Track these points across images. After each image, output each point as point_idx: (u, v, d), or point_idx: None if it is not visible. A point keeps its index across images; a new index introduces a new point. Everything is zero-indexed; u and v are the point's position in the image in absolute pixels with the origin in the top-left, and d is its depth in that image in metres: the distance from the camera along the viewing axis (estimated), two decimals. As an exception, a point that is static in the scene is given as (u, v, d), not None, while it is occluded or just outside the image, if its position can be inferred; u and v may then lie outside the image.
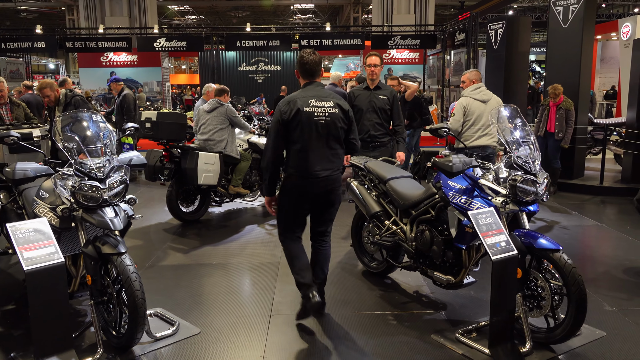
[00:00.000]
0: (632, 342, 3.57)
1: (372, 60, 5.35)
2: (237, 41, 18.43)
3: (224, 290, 4.48)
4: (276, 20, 33.03)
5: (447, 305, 4.15)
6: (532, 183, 3.45)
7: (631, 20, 14.67)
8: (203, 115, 6.63)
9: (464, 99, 5.62)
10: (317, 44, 17.87)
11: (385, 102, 5.37)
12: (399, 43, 18.23)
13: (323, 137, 3.58)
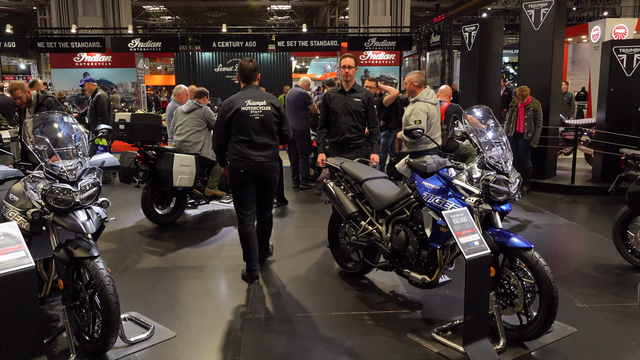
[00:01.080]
0: (602, 337, 3.66)
1: (347, 62, 5.31)
2: (213, 42, 18.32)
3: (200, 293, 4.44)
4: (253, 21, 32.92)
5: (423, 304, 4.19)
6: (505, 183, 3.50)
7: (600, 23, 15.03)
8: (180, 116, 6.57)
9: (423, 104, 5.56)
10: (293, 45, 17.88)
11: (360, 105, 5.34)
12: (375, 44, 18.35)
13: (258, 130, 4.50)
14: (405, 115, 5.81)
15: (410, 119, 5.62)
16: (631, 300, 4.23)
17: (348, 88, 5.40)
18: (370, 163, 5.06)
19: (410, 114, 5.68)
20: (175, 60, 21.82)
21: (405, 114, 5.80)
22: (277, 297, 4.37)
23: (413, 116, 5.66)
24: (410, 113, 5.68)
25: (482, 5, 22.02)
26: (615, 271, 4.94)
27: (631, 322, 3.83)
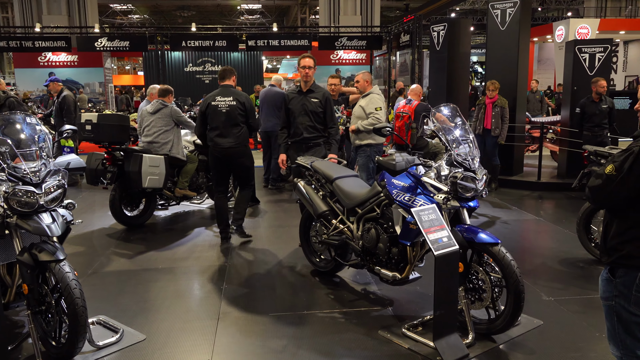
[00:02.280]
0: (567, 329, 3.75)
1: (306, 62, 5.30)
2: (183, 41, 18.08)
3: (171, 295, 4.39)
4: (223, 21, 32.62)
5: (394, 301, 4.23)
6: (472, 180, 3.56)
7: (564, 23, 15.42)
8: (147, 117, 6.46)
9: (376, 95, 6.15)
10: (264, 44, 17.79)
11: (318, 105, 5.31)
12: (345, 44, 18.41)
13: (226, 121, 5.46)
14: (361, 106, 6.06)
15: (369, 108, 6.08)
16: (594, 292, 4.35)
17: (306, 88, 5.39)
18: (343, 162, 5.09)
19: (367, 104, 6.09)
20: (144, 60, 21.49)
21: (361, 105, 6.08)
22: (249, 297, 4.36)
23: (371, 104, 6.07)
24: (367, 103, 6.09)
25: (450, 5, 22.30)
26: (580, 264, 5.07)
27: (595, 313, 3.95)
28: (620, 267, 2.33)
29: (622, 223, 2.32)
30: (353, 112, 6.30)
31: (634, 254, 2.27)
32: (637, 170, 2.17)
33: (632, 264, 2.28)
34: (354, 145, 6.33)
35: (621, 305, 2.36)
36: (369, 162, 6.22)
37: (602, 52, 8.33)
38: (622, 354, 2.43)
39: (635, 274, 2.29)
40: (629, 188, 2.21)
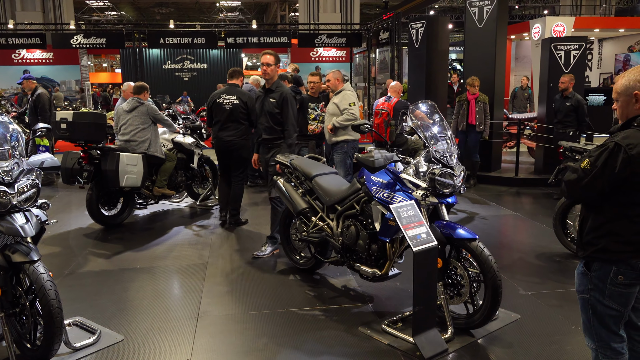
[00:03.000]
0: (544, 322, 3.81)
1: (264, 59, 5.13)
2: (161, 38, 17.85)
3: (150, 295, 4.35)
4: (202, 18, 32.33)
5: (374, 297, 4.25)
6: (450, 176, 3.59)
7: (541, 21, 15.62)
8: (123, 116, 6.36)
9: (349, 92, 6.18)
10: (243, 41, 17.66)
11: (274, 106, 5.13)
12: (325, 41, 18.37)
13: (228, 117, 5.94)
14: (335, 103, 6.08)
15: (342, 104, 6.10)
16: (571, 286, 4.42)
17: (268, 86, 5.25)
18: (322, 159, 5.08)
19: (340, 100, 6.13)
20: (121, 57, 21.21)
21: (335, 102, 6.11)
22: (229, 295, 4.33)
23: (344, 101, 6.11)
24: (341, 100, 6.13)
25: (429, 3, 22.44)
26: (556, 259, 5.15)
27: (571, 307, 4.01)
28: (595, 261, 2.38)
29: (598, 218, 2.36)
30: (327, 110, 6.31)
31: (609, 248, 2.31)
32: (612, 164, 2.20)
33: (607, 258, 2.33)
34: (330, 143, 6.32)
35: (596, 298, 2.40)
36: (346, 158, 6.23)
37: (577, 50, 8.47)
38: (597, 346, 2.48)
39: (610, 267, 2.33)
40: (604, 182, 2.24)
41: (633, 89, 2.30)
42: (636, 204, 2.25)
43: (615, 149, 2.22)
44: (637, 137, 2.22)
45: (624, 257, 2.29)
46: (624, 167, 2.19)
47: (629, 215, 2.27)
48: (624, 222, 2.28)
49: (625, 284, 2.33)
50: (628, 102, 2.32)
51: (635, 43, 18.75)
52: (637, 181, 2.22)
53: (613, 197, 2.29)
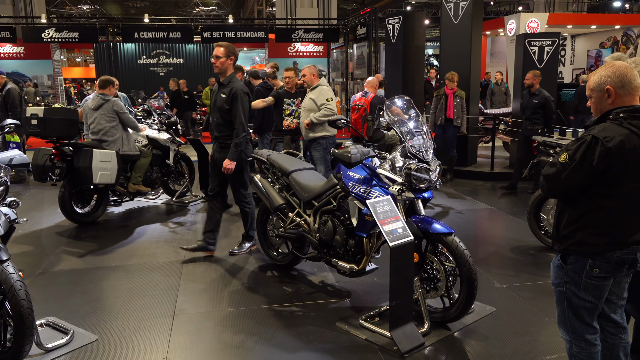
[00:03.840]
0: (518, 315, 3.86)
1: (214, 52, 4.85)
2: (135, 33, 17.60)
3: (125, 294, 4.28)
4: (177, 12, 31.93)
5: (352, 292, 4.25)
6: (426, 171, 3.60)
7: (515, 17, 15.81)
8: (90, 113, 6.17)
9: (325, 87, 6.12)
10: (220, 36, 17.51)
11: (224, 101, 4.79)
12: (302, 36, 18.33)
13: None
14: (312, 98, 6.03)
15: (320, 100, 6.03)
16: (545, 278, 4.49)
17: (221, 80, 4.93)
18: (299, 155, 5.06)
19: (317, 96, 6.06)
20: (95, 52, 20.87)
21: (312, 98, 6.06)
22: (206, 293, 4.29)
23: (322, 96, 6.04)
24: (318, 95, 6.06)
25: (406, -2, 22.54)
26: (531, 252, 5.23)
27: (545, 299, 4.08)
28: (571, 254, 2.41)
29: (574, 211, 2.40)
30: (303, 105, 6.25)
31: (585, 240, 2.35)
32: (590, 157, 2.24)
33: (583, 251, 2.36)
34: (307, 139, 6.26)
35: (571, 291, 2.44)
36: (326, 154, 6.21)
37: (550, 46, 8.59)
38: (571, 337, 2.52)
39: (586, 260, 2.37)
40: (582, 175, 2.27)
41: (605, 84, 2.35)
42: (612, 195, 2.29)
43: (592, 142, 2.25)
44: (613, 130, 2.26)
45: (600, 250, 2.33)
46: (602, 159, 2.22)
47: (605, 207, 2.30)
48: (600, 214, 2.32)
49: (600, 277, 2.37)
50: (601, 97, 2.38)
51: (607, 39, 19.12)
52: (613, 173, 2.26)
53: (590, 190, 2.32)
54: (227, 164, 4.74)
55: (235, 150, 4.76)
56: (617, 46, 18.58)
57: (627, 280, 2.49)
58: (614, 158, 2.22)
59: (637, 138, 2.25)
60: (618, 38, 18.56)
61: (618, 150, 2.21)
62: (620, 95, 2.33)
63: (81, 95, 20.91)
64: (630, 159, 2.23)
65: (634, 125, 2.26)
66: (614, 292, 2.49)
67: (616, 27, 18.21)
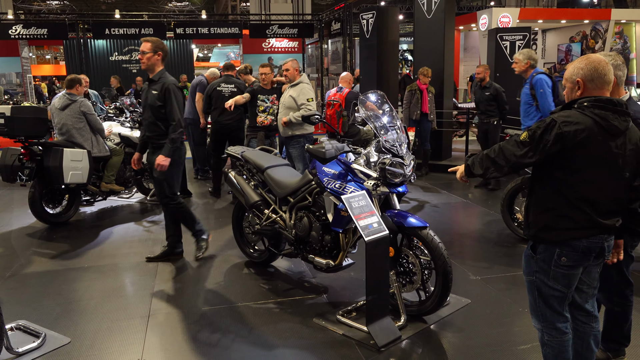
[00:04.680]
0: (493, 306, 3.92)
1: (142, 47, 4.67)
2: (106, 29, 17.27)
3: (98, 295, 4.21)
4: (150, 8, 31.43)
5: (329, 288, 4.26)
6: (400, 165, 3.62)
7: (488, 12, 15.97)
8: (56, 113, 6.01)
9: (306, 85, 6.04)
10: (193, 32, 17.32)
11: (156, 98, 4.57)
12: (277, 32, 18.22)
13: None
14: (292, 96, 5.96)
15: (300, 99, 5.91)
16: (518, 269, 4.56)
17: (151, 77, 4.72)
18: (274, 151, 5.02)
19: (298, 94, 5.95)
20: (65, 49, 20.37)
21: (292, 95, 5.97)
22: (181, 292, 4.25)
23: (302, 95, 5.94)
24: (299, 94, 5.95)
25: (380, -7, 22.58)
26: (504, 244, 5.31)
27: (518, 290, 4.14)
28: (541, 243, 2.46)
29: (537, 194, 2.48)
30: (282, 102, 6.17)
31: (550, 225, 2.40)
32: (546, 138, 2.31)
33: (550, 238, 2.41)
34: (284, 136, 6.21)
35: (541, 280, 2.49)
36: (304, 152, 6.16)
37: (521, 40, 8.71)
38: (542, 326, 2.57)
39: (554, 249, 2.42)
40: (537, 154, 2.35)
41: (576, 76, 2.42)
42: (569, 180, 2.36)
43: (550, 124, 2.33)
44: (574, 116, 2.33)
45: (565, 238, 2.38)
46: (556, 141, 2.30)
47: (562, 190, 2.37)
48: (559, 197, 2.39)
49: (568, 265, 2.42)
50: (572, 88, 2.45)
51: (576, 34, 19.48)
52: (568, 158, 2.32)
53: (550, 172, 2.40)
54: (160, 160, 4.48)
55: (172, 146, 4.51)
56: (586, 40, 18.95)
57: (597, 269, 2.55)
58: (569, 142, 2.29)
59: (596, 126, 2.31)
60: (587, 32, 18.93)
61: (573, 135, 2.28)
62: (589, 88, 2.39)
63: (54, 94, 20.46)
64: (586, 145, 2.30)
65: (596, 114, 2.32)
66: (585, 281, 2.54)
67: (585, 21, 18.55)
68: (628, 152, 2.38)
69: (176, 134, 4.53)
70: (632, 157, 2.40)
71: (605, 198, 2.37)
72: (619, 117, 2.33)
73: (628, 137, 2.38)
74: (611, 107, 2.33)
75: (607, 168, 2.35)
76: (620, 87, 2.77)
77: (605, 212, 2.38)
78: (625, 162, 2.38)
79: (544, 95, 5.52)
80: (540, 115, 5.65)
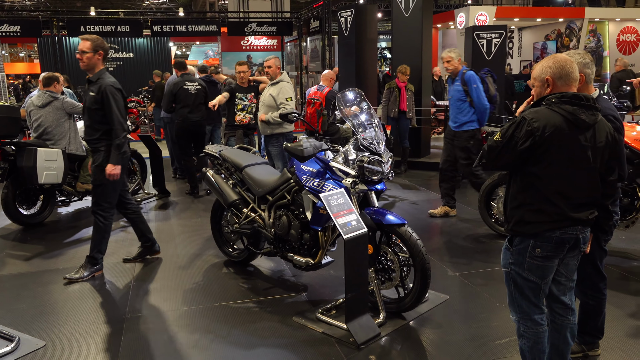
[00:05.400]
0: (471, 301, 3.96)
1: (80, 46, 4.37)
2: (81, 26, 16.99)
3: (74, 297, 4.14)
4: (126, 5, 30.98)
5: (308, 286, 4.25)
6: (378, 163, 3.63)
7: (465, 10, 16.15)
8: (35, 111, 5.90)
9: (287, 84, 6.00)
10: (170, 30, 17.16)
11: (93, 101, 4.30)
12: (255, 30, 18.15)
13: (194, 101, 7.16)
14: (272, 95, 5.93)
15: (280, 98, 5.86)
16: (495, 265, 4.62)
17: (89, 77, 4.44)
18: (252, 149, 4.99)
19: (278, 93, 5.90)
20: (39, 46, 19.98)
21: (272, 94, 5.94)
22: (160, 292, 4.20)
23: (282, 94, 5.89)
24: (279, 92, 5.90)
25: (358, -9, 22.58)
26: (482, 240, 5.37)
27: (496, 285, 4.19)
28: (517, 235, 2.51)
29: (513, 190, 2.53)
30: (262, 101, 6.13)
31: (525, 219, 2.46)
32: (517, 136, 2.38)
33: (526, 231, 2.45)
34: (264, 135, 6.19)
35: (516, 271, 2.55)
36: (284, 150, 6.14)
37: (497, 38, 8.81)
38: (518, 317, 2.62)
39: (529, 241, 2.47)
40: (511, 153, 2.41)
41: (545, 74, 2.49)
42: (541, 174, 2.41)
43: (520, 122, 2.40)
44: (543, 113, 2.40)
45: (540, 230, 2.43)
46: (526, 139, 2.36)
47: (536, 185, 2.43)
48: (532, 191, 2.44)
49: (543, 256, 2.47)
50: (542, 86, 2.52)
51: (551, 32, 19.78)
52: (539, 153, 2.38)
53: (524, 168, 2.45)
54: (110, 170, 4.22)
55: (118, 153, 4.24)
56: (561, 38, 19.26)
57: (575, 262, 2.60)
58: (538, 138, 2.35)
59: (564, 121, 2.38)
60: (562, 31, 19.23)
61: (542, 131, 2.35)
62: (558, 85, 2.47)
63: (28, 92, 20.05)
64: (554, 139, 2.36)
65: (564, 109, 2.40)
66: (563, 273, 2.60)
67: (560, 20, 18.86)
68: (598, 144, 2.44)
69: (120, 140, 4.25)
70: (602, 150, 2.47)
71: (578, 191, 2.43)
72: (586, 112, 2.41)
73: (597, 131, 2.45)
74: (577, 102, 2.40)
75: (578, 161, 2.41)
76: (589, 85, 2.83)
77: (579, 204, 2.44)
78: (595, 154, 2.44)
79: (477, 90, 5.63)
80: (474, 110, 5.74)
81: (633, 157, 4.63)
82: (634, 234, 5.30)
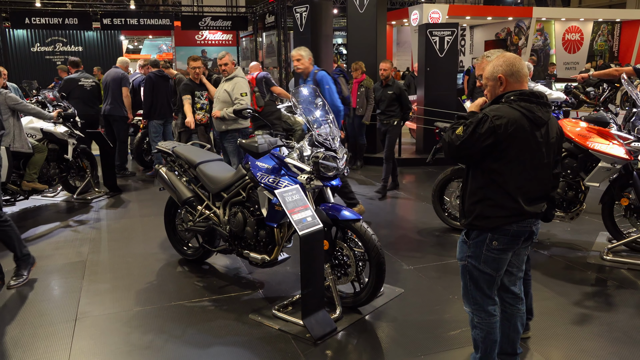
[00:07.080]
0: (425, 294, 4.04)
1: None
2: (26, 18, 16.33)
3: (20, 299, 3.98)
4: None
5: (265, 283, 4.23)
6: (333, 159, 3.64)
7: (418, 8, 16.40)
8: None
9: (242, 79, 5.99)
10: (121, 23, 16.70)
11: None
12: (210, 24, 17.90)
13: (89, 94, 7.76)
14: (227, 90, 5.89)
15: (235, 93, 5.85)
16: (449, 258, 4.72)
17: None
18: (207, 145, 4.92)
19: (233, 88, 5.87)
20: (-20, 39, 19.07)
21: (227, 90, 5.89)
22: (111, 293, 4.09)
23: (237, 90, 5.87)
24: (233, 88, 5.87)
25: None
26: (436, 233, 5.48)
27: (449, 278, 4.29)
28: (474, 229, 2.57)
29: (473, 185, 2.59)
30: (217, 97, 6.05)
31: (485, 214, 2.52)
32: (479, 133, 2.42)
33: (484, 225, 2.52)
34: (219, 131, 6.10)
35: (472, 264, 2.62)
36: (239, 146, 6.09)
37: (450, 36, 8.98)
38: (472, 309, 2.69)
39: (486, 235, 2.54)
40: (472, 148, 2.46)
41: (497, 73, 2.56)
42: (502, 171, 2.48)
43: (483, 119, 2.44)
44: (503, 110, 2.46)
45: (498, 224, 2.50)
46: (488, 135, 2.41)
47: (497, 181, 2.49)
48: (493, 188, 2.51)
49: (499, 249, 2.55)
50: (495, 84, 2.59)
51: (501, 30, 20.35)
52: (501, 150, 2.44)
53: (484, 164, 2.51)
54: None
55: None
56: (510, 37, 19.84)
57: (525, 252, 2.71)
58: (501, 135, 2.41)
59: (523, 118, 2.45)
60: (511, 29, 19.82)
61: (505, 128, 2.40)
62: (511, 82, 2.55)
63: None
64: (516, 136, 2.43)
65: (522, 106, 2.47)
66: (514, 264, 2.69)
67: (509, 19, 19.43)
68: (551, 140, 2.54)
69: None
70: (554, 145, 2.58)
71: (535, 186, 2.53)
72: (542, 109, 2.50)
73: (550, 127, 2.54)
74: (535, 100, 2.49)
75: (536, 157, 2.50)
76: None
77: (535, 198, 2.54)
78: (549, 150, 2.54)
79: (330, 90, 5.37)
80: None
81: (577, 152, 4.82)
82: (578, 226, 5.52)
